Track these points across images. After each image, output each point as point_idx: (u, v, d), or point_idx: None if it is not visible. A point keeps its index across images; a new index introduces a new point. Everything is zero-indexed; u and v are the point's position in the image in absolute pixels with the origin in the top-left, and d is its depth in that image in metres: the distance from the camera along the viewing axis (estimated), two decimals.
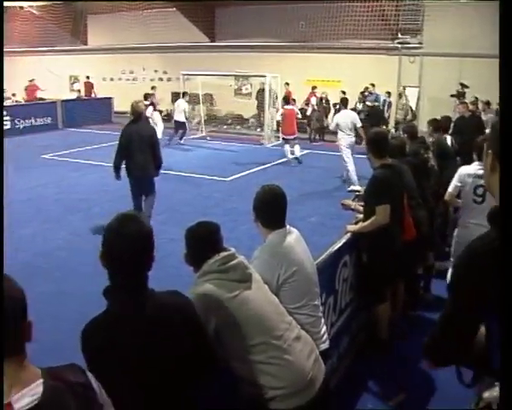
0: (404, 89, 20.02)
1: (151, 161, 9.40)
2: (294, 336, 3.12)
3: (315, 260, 4.01)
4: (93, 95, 26.72)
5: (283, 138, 16.52)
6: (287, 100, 16.97)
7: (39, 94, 26.58)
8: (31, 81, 26.46)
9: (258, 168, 15.40)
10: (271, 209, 3.58)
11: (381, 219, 5.24)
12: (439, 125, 8.76)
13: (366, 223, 5.34)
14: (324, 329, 3.73)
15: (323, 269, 4.29)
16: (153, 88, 20.69)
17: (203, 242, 3.08)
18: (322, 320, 3.76)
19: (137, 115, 9.54)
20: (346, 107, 14.08)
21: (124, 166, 9.53)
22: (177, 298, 2.60)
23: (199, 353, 2.57)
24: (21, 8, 27.78)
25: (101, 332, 2.37)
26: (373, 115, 18.20)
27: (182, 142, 19.40)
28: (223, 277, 2.98)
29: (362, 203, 5.71)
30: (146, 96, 17.89)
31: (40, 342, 6.19)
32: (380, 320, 5.70)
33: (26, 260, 8.62)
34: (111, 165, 9.52)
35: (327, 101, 20.28)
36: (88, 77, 27.13)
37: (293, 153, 16.21)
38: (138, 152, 9.22)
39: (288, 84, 20.83)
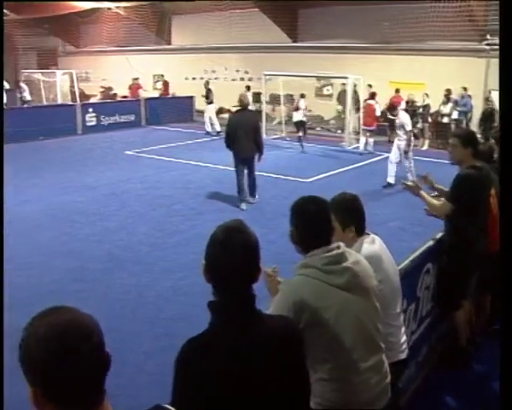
0: (490, 92, 19.38)
1: (254, 144, 11.11)
2: (371, 364, 2.89)
3: (397, 265, 3.92)
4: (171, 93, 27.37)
5: (362, 129, 18.86)
6: (371, 96, 18.69)
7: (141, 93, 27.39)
8: (135, 80, 27.29)
9: (339, 170, 15.27)
10: (361, 216, 3.52)
11: (439, 211, 5.32)
12: None
13: (436, 202, 5.36)
14: (404, 338, 3.65)
15: (405, 275, 4.20)
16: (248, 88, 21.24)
17: (312, 221, 2.85)
18: (403, 329, 3.68)
19: (244, 105, 11.35)
20: None
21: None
22: (285, 325, 2.37)
23: (294, 389, 2.29)
24: (109, 9, 28.59)
25: (195, 351, 2.21)
26: (488, 116, 18.14)
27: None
28: (324, 278, 2.76)
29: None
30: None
31: (119, 332, 6.43)
32: (457, 328, 5.54)
33: (109, 251, 8.93)
34: (192, 162, 10.00)
35: (413, 103, 19.77)
36: (162, 75, 27.86)
37: (367, 145, 18.39)
38: (244, 137, 10.92)
39: (370, 85, 20.60)
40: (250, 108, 20.31)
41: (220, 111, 26.58)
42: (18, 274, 7.84)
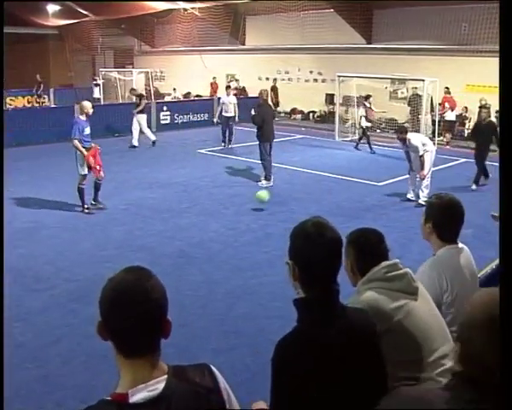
0: None
1: (274, 129, 13.73)
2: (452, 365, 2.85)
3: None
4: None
5: None
6: None
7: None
8: (214, 79, 28.42)
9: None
10: (450, 221, 3.44)
11: None
12: None
13: None
14: None
15: (484, 285, 3.99)
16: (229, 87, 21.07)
17: (369, 250, 2.86)
18: None
19: (265, 99, 13.87)
20: None
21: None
22: (365, 319, 2.44)
23: (374, 382, 2.33)
24: (185, 10, 28.98)
25: (290, 349, 2.24)
26: None
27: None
28: (387, 285, 2.77)
29: None
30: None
31: (190, 327, 6.42)
32: None
33: (181, 248, 9.01)
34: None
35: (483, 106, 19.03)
36: (214, 78, 28.66)
37: None
38: (270, 123, 13.40)
39: (448, 88, 20.08)
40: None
41: (293, 112, 26.55)
42: (91, 267, 7.99)
